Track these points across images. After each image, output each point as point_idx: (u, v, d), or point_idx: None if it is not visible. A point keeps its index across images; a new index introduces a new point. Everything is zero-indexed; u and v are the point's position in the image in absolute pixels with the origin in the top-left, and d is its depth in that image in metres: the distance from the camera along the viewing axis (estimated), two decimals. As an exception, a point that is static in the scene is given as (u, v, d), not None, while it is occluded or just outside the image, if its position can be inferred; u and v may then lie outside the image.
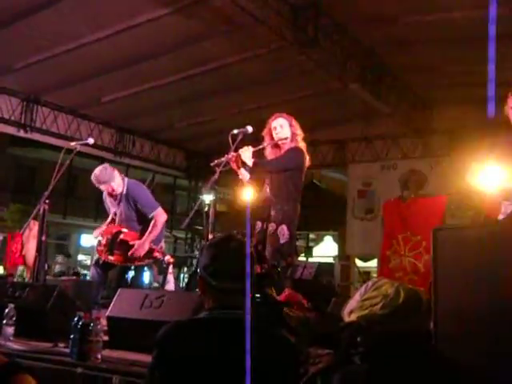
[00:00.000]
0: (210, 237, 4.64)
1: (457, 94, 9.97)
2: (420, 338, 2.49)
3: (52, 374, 3.19)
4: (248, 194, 1.81)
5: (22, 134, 10.84)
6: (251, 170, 5.23)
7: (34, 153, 20.33)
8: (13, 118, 10.55)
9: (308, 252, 19.60)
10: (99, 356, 3.18)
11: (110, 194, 5.92)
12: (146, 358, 2.41)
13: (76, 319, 3.22)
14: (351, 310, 2.68)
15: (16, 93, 10.51)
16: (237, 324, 2.13)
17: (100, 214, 6.10)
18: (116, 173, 5.81)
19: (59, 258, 17.59)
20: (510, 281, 2.30)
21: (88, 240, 21.16)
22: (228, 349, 2.05)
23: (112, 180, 5.72)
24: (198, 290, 2.42)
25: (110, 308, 3.88)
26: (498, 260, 2.37)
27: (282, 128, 5.21)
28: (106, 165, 5.91)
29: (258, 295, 2.58)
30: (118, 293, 3.98)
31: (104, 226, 6.01)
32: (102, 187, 5.78)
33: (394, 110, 10.34)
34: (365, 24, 8.08)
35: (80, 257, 24.47)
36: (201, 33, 8.32)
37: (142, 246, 5.66)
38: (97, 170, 5.78)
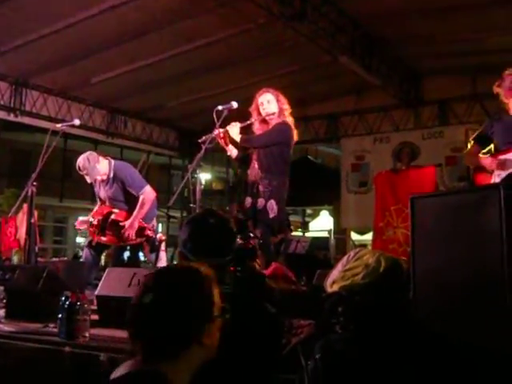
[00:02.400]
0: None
1: (446, 63, 9.94)
2: (400, 307, 2.51)
3: (42, 355, 3.22)
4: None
5: (12, 118, 10.77)
6: (239, 146, 5.24)
7: (28, 137, 20.24)
8: (2, 103, 10.47)
9: (304, 227, 19.68)
10: (87, 334, 3.21)
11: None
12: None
13: (63, 299, 3.24)
14: (333, 281, 2.69)
15: (4, 76, 10.41)
16: (217, 297, 2.16)
17: (96, 196, 6.18)
18: (98, 163, 5.79)
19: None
20: (488, 248, 2.31)
21: (85, 222, 21.18)
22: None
23: (94, 172, 5.74)
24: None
25: (98, 287, 3.91)
26: (475, 227, 2.38)
27: (269, 103, 5.21)
28: (90, 155, 5.84)
29: (239, 268, 2.59)
30: (106, 272, 4.02)
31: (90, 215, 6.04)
32: (86, 178, 5.80)
33: (385, 82, 10.30)
34: (352, -5, 8.03)
35: (78, 239, 24.53)
36: (187, 9, 8.23)
37: (131, 226, 5.69)
38: (80, 160, 5.78)
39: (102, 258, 7.16)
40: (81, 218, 6.13)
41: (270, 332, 2.29)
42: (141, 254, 6.64)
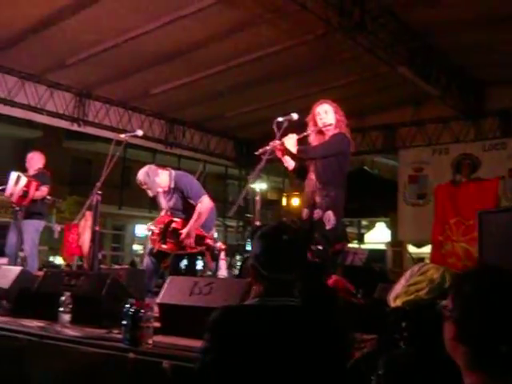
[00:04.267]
0: (257, 224, 4.68)
1: (507, 72, 9.70)
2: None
3: (106, 359, 3.30)
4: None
5: (75, 127, 11.14)
6: (295, 158, 5.24)
7: (89, 146, 20.83)
8: (66, 113, 10.86)
9: (360, 239, 19.47)
10: (150, 341, 3.27)
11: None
12: (196, 344, 2.45)
13: (127, 306, 3.31)
14: (396, 296, 2.67)
15: (69, 88, 10.80)
16: (287, 311, 2.18)
17: (154, 204, 6.31)
18: (158, 176, 5.89)
19: None
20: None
21: (142, 230, 21.67)
22: (278, 334, 2.09)
23: (154, 186, 5.85)
24: (249, 277, 2.46)
25: (160, 295, 3.98)
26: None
27: (327, 114, 5.16)
28: (149, 168, 5.95)
29: (308, 282, 2.59)
30: (168, 280, 4.07)
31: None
32: (148, 192, 5.93)
33: (445, 92, 10.12)
34: (411, 6, 7.93)
35: (135, 247, 25.01)
36: (247, 21, 8.34)
37: (188, 234, 5.76)
38: (139, 174, 5.91)
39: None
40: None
41: (340, 346, 2.28)
42: (198, 263, 6.72)
